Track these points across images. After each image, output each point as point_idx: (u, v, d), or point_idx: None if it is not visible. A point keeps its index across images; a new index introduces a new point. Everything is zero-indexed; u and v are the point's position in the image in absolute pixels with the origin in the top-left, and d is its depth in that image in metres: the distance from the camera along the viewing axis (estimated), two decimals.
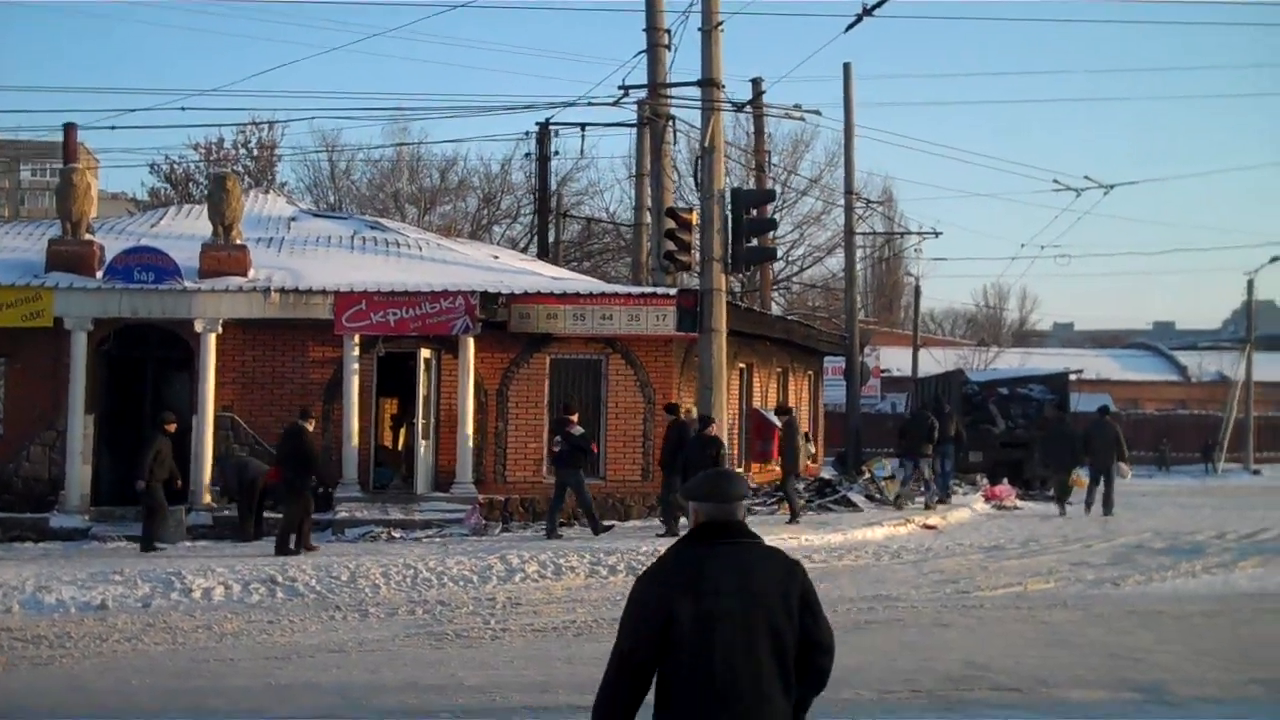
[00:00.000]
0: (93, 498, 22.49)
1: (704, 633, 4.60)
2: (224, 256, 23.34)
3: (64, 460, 22.32)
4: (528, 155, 38.84)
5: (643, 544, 19.11)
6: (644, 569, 4.97)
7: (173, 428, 20.87)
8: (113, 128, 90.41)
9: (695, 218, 22.99)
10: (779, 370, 31.30)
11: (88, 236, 23.64)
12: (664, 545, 18.12)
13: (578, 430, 21.32)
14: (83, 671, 12.04)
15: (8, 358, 23.05)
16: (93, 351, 22.79)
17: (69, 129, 33.36)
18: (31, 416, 22.87)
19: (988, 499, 29.47)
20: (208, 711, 10.51)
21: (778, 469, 29.13)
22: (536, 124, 35.30)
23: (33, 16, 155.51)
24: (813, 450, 23.16)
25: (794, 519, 23.03)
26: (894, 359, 60.06)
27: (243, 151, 50.27)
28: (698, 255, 23.16)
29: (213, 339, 22.80)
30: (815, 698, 4.94)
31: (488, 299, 23.34)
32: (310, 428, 20.84)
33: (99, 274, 23.10)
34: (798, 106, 30.79)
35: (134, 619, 14.52)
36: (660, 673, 4.69)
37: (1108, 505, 27.38)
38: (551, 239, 36.92)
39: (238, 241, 23.66)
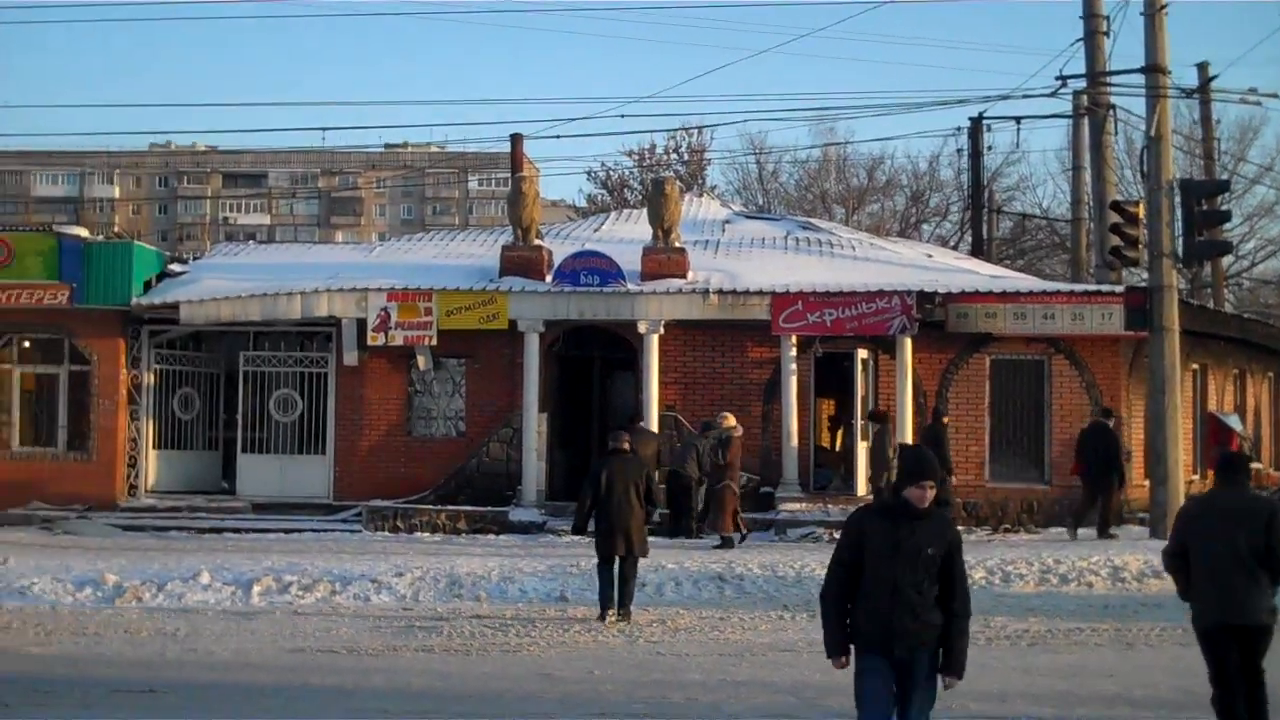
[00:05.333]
0: (547, 492, 23.50)
1: None
2: (664, 259, 23.93)
3: (520, 456, 23.44)
4: (959, 151, 38.14)
5: (1094, 553, 18.35)
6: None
7: (948, 420, 21.95)
8: (557, 137, 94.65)
9: (1142, 211, 22.00)
10: (1235, 372, 29.52)
11: (537, 242, 24.73)
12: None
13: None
14: (549, 660, 12.58)
15: (468, 358, 24.42)
16: (544, 352, 23.84)
17: (516, 139, 35.03)
18: (489, 415, 24.15)
19: None
20: (668, 705, 10.75)
21: None
22: (969, 119, 34.69)
23: (479, 32, 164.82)
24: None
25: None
26: None
27: (673, 156, 51.55)
28: (1145, 250, 22.09)
29: (655, 340, 23.43)
30: None
31: (924, 298, 23.04)
32: (1111, 424, 21.63)
33: (548, 278, 24.13)
34: (1253, 90, 28.85)
35: (592, 611, 15.06)
36: None
37: None
38: (984, 236, 36.14)
39: (676, 244, 24.21)
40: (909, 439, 22.70)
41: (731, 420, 21.49)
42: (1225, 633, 8.83)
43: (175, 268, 26.42)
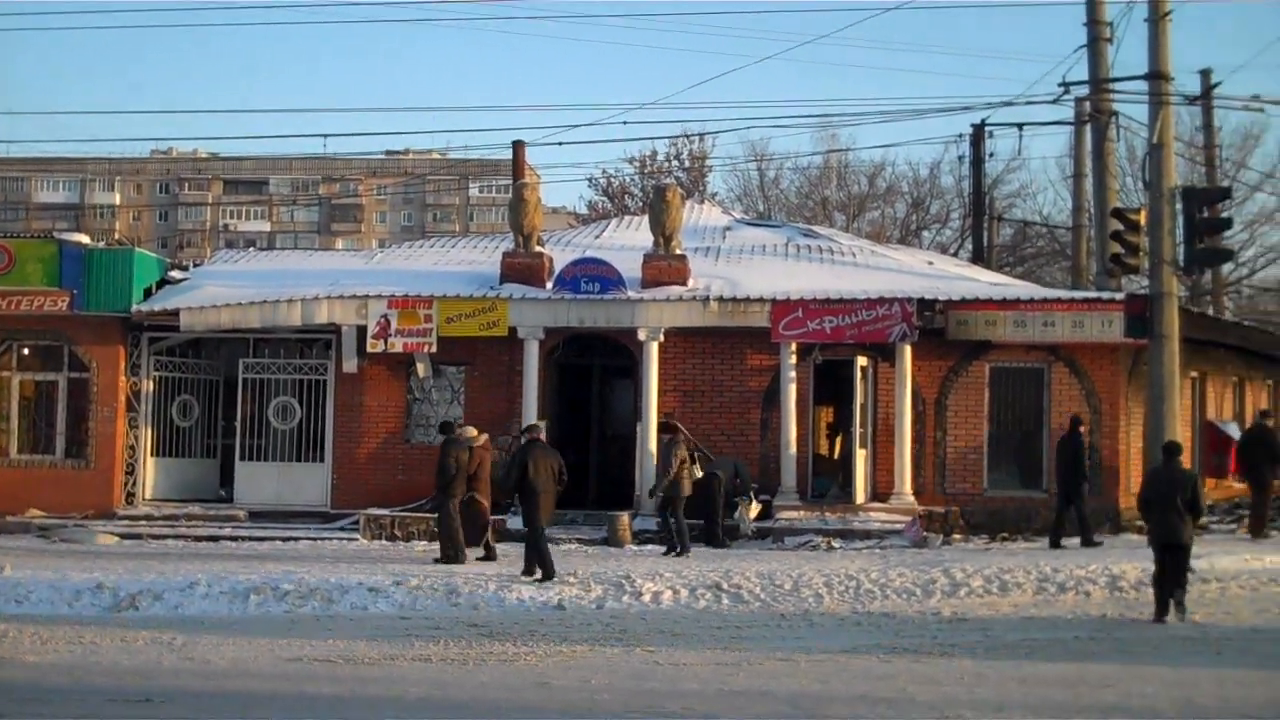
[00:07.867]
0: None
1: None
2: (665, 266, 23.93)
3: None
4: (961, 158, 38.15)
5: (1091, 562, 18.30)
6: None
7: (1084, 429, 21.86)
8: (560, 144, 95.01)
9: (1143, 218, 22.04)
10: (1234, 380, 29.50)
11: (538, 249, 24.72)
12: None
13: None
14: (546, 669, 12.54)
15: (467, 366, 24.41)
16: (543, 359, 23.82)
17: (518, 146, 34.99)
18: (489, 422, 24.04)
19: None
20: (665, 714, 10.72)
21: (1235, 484, 27.50)
22: (971, 125, 34.69)
23: (481, 38, 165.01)
24: (699, 474, 21.47)
25: (683, 551, 20.16)
26: None
27: (675, 163, 51.55)
28: (1146, 258, 22.10)
29: (655, 347, 23.41)
30: None
31: (924, 306, 23.03)
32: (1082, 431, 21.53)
33: (548, 285, 24.11)
34: (1256, 97, 28.80)
35: (590, 620, 15.02)
36: None
37: None
38: (985, 243, 36.14)
39: (677, 251, 24.19)
40: (908, 447, 22.65)
41: (473, 430, 20.74)
42: (1166, 548, 15.14)
43: (175, 275, 26.43)
